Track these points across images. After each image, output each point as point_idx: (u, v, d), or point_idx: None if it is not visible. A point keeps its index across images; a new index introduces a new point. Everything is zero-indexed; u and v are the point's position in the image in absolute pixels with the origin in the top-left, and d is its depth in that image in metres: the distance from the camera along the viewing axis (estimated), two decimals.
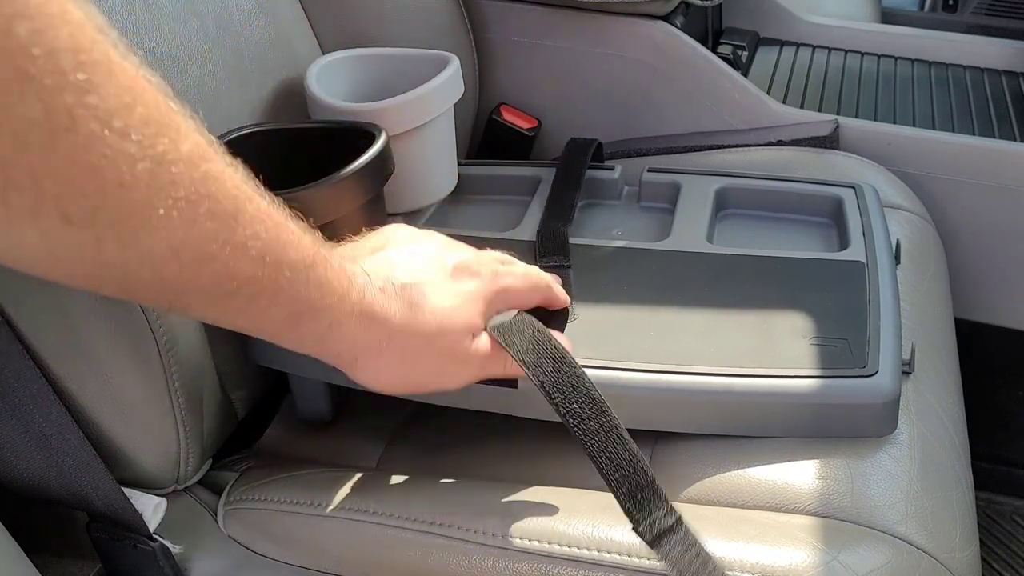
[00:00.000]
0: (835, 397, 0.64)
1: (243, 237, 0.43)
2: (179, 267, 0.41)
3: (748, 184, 0.86)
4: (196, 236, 0.41)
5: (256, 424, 0.81)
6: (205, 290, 0.43)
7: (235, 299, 0.45)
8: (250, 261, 0.44)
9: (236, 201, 0.42)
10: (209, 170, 0.41)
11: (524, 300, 0.63)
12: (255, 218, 0.44)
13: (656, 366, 0.66)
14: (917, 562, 0.60)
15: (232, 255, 0.43)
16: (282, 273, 0.46)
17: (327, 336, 0.51)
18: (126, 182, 0.37)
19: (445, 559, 0.62)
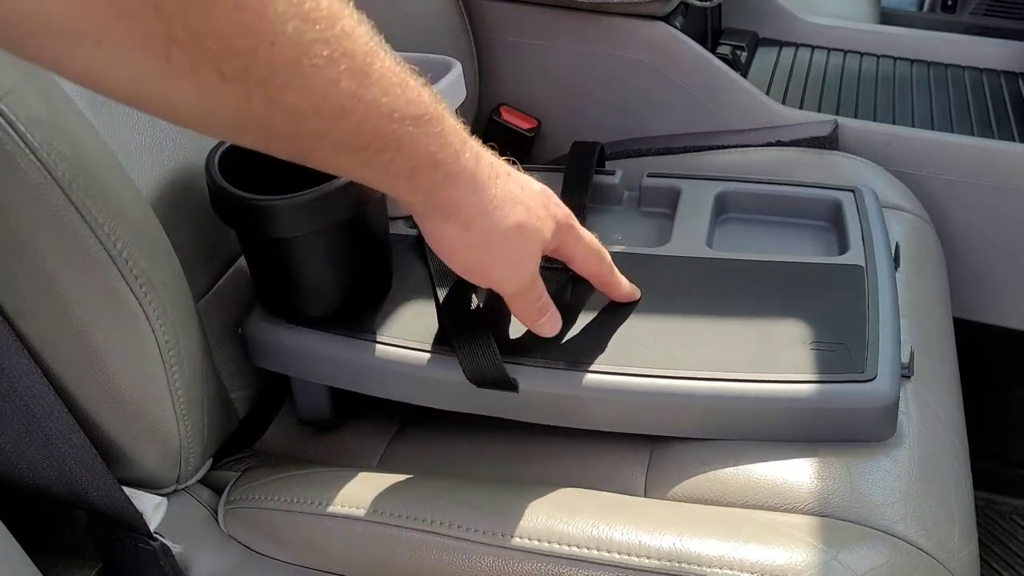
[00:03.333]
0: (834, 402, 0.64)
1: (375, 94, 0.46)
2: (318, 122, 0.44)
3: (747, 188, 0.86)
4: (335, 93, 0.44)
5: (256, 424, 0.81)
6: (338, 144, 0.47)
7: (364, 152, 0.48)
8: (380, 117, 0.47)
9: (367, 58, 0.45)
10: (345, 27, 0.43)
11: (586, 261, 0.66)
12: (383, 75, 0.46)
13: (656, 371, 0.66)
14: (916, 561, 0.60)
15: (365, 111, 0.46)
16: (406, 128, 0.49)
17: (440, 187, 0.54)
18: (277, 41, 0.40)
19: (445, 559, 0.62)
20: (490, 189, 0.57)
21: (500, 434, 0.74)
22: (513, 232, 0.58)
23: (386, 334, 0.71)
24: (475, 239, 0.58)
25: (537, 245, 0.60)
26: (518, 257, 0.60)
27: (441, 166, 0.53)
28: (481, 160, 0.56)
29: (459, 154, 0.54)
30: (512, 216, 0.58)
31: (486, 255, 0.59)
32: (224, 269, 0.77)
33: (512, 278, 0.61)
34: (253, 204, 0.65)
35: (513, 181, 0.59)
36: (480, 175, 0.56)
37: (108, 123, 0.66)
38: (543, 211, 0.60)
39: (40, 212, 0.56)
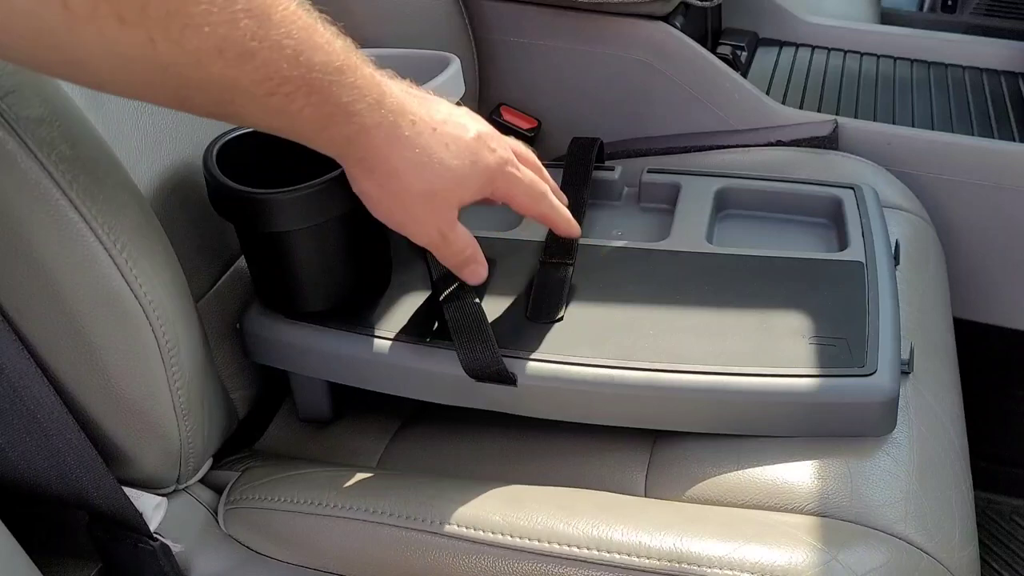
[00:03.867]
0: (834, 396, 0.64)
1: (277, 35, 0.47)
2: (224, 64, 0.46)
3: (748, 185, 0.86)
4: (236, 34, 0.45)
5: (256, 424, 0.81)
6: (248, 90, 0.48)
7: (274, 98, 0.49)
8: (285, 59, 0.48)
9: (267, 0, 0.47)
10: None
11: (523, 204, 0.66)
12: (286, 18, 0.48)
13: (656, 365, 0.66)
14: (916, 562, 0.60)
15: (269, 53, 0.47)
16: (315, 74, 0.50)
17: (355, 140, 0.55)
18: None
19: (445, 558, 0.63)
20: (409, 147, 0.57)
21: (500, 434, 0.74)
22: (423, 197, 0.59)
23: (385, 328, 0.71)
24: (387, 198, 0.59)
25: (449, 209, 0.61)
26: (428, 219, 0.61)
27: (355, 118, 0.53)
28: (402, 114, 0.56)
29: (375, 107, 0.54)
30: (423, 181, 0.58)
31: (396, 214, 0.61)
32: (224, 269, 0.77)
33: (422, 235, 0.62)
34: (251, 198, 0.65)
35: (439, 137, 0.58)
36: (399, 132, 0.56)
37: (108, 123, 0.66)
38: (468, 167, 0.60)
39: (40, 212, 0.56)
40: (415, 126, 0.57)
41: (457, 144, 0.60)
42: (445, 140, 0.59)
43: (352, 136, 0.55)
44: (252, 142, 0.72)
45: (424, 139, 0.58)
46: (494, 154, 0.62)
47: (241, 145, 0.71)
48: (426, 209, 0.60)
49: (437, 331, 0.70)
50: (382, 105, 0.55)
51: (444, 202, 0.61)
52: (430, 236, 0.63)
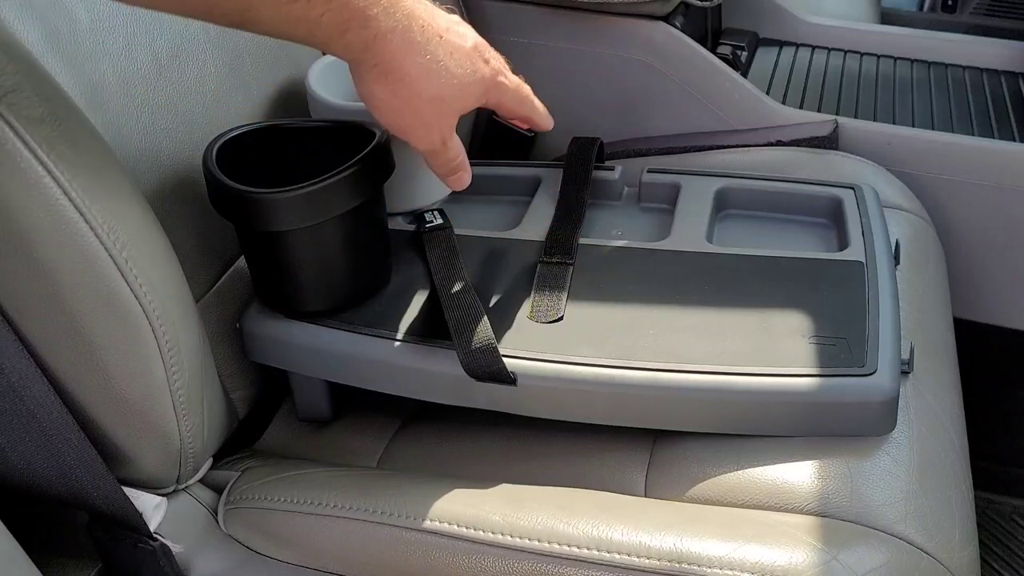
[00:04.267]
0: (834, 396, 0.64)
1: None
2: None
3: (748, 184, 0.86)
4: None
5: (256, 424, 0.81)
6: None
7: (295, 5, 0.52)
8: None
9: None
10: None
11: (511, 109, 0.69)
12: None
13: (656, 365, 0.66)
14: (916, 562, 0.60)
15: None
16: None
17: (371, 45, 0.57)
18: None
19: (445, 559, 0.63)
20: (420, 53, 0.59)
21: (500, 434, 0.74)
22: (432, 103, 0.62)
23: (385, 328, 0.71)
24: (398, 103, 0.61)
25: (453, 115, 0.64)
26: (434, 123, 0.63)
27: (371, 22, 0.55)
28: (414, 19, 0.58)
29: (389, 12, 0.56)
30: (433, 87, 0.61)
31: (406, 118, 0.63)
32: (224, 269, 0.77)
33: (426, 139, 0.65)
34: (251, 197, 0.65)
35: (444, 45, 0.61)
36: (412, 37, 0.58)
37: (108, 123, 0.66)
38: (469, 76, 0.63)
39: (40, 212, 0.56)
40: (424, 31, 0.59)
41: (460, 52, 0.62)
42: (450, 48, 0.61)
43: (369, 41, 0.56)
44: (252, 142, 0.72)
45: (433, 46, 0.60)
46: (488, 65, 0.65)
47: (241, 144, 0.71)
48: (434, 114, 0.62)
49: (437, 331, 0.70)
50: (396, 10, 0.57)
51: (449, 108, 0.63)
52: (432, 141, 0.65)
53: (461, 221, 0.83)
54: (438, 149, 0.65)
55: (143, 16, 0.71)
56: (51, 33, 0.64)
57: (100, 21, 0.68)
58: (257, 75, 0.81)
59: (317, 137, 0.74)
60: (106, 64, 0.67)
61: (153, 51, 0.71)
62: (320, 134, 0.74)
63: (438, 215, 0.83)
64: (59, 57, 0.64)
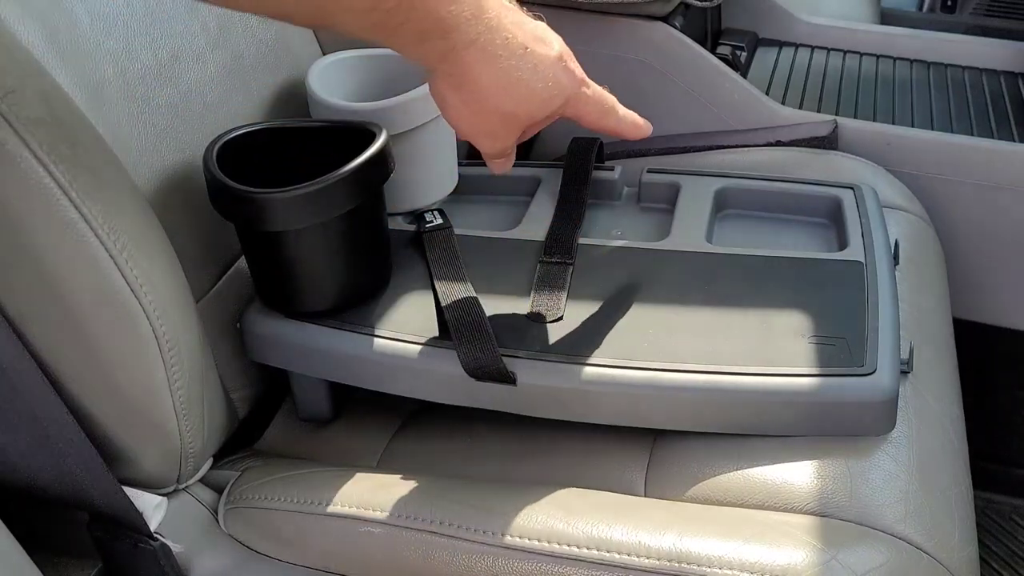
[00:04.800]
0: (833, 395, 0.64)
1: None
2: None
3: (747, 185, 0.86)
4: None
5: (256, 424, 0.81)
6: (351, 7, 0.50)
7: (375, 13, 0.51)
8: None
9: None
10: None
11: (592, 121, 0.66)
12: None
13: (655, 364, 0.66)
14: (916, 561, 0.60)
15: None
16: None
17: (448, 56, 0.55)
18: None
19: (445, 559, 0.63)
20: (500, 67, 0.57)
21: (500, 433, 0.74)
22: (504, 116, 0.60)
23: (385, 328, 0.71)
24: (468, 113, 0.59)
25: (522, 127, 0.62)
26: (501, 134, 0.62)
27: (452, 33, 0.54)
28: (498, 31, 0.56)
29: (472, 23, 0.54)
30: (509, 103, 0.59)
31: (474, 126, 0.61)
32: (224, 269, 0.77)
33: (489, 147, 0.63)
34: (251, 197, 0.65)
35: (528, 58, 0.58)
36: (491, 51, 0.56)
37: (108, 123, 0.66)
38: (550, 90, 0.60)
39: (40, 212, 0.56)
40: (508, 44, 0.57)
41: (544, 64, 0.59)
42: (535, 60, 0.59)
43: (447, 52, 0.55)
44: (252, 142, 0.72)
45: (516, 60, 0.57)
46: (572, 76, 0.62)
47: (241, 145, 0.71)
48: (503, 127, 0.61)
49: (437, 331, 0.70)
50: (479, 21, 0.55)
51: (520, 123, 0.61)
52: (495, 149, 0.63)
53: (461, 221, 0.83)
54: (496, 154, 0.64)
55: (143, 16, 0.71)
56: (51, 33, 0.64)
57: (100, 21, 0.68)
58: (257, 75, 0.81)
59: (317, 137, 0.74)
60: (106, 64, 0.67)
61: (153, 51, 0.71)
62: (320, 134, 0.74)
63: (438, 215, 0.83)
64: (59, 57, 0.64)
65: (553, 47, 0.60)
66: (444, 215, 0.83)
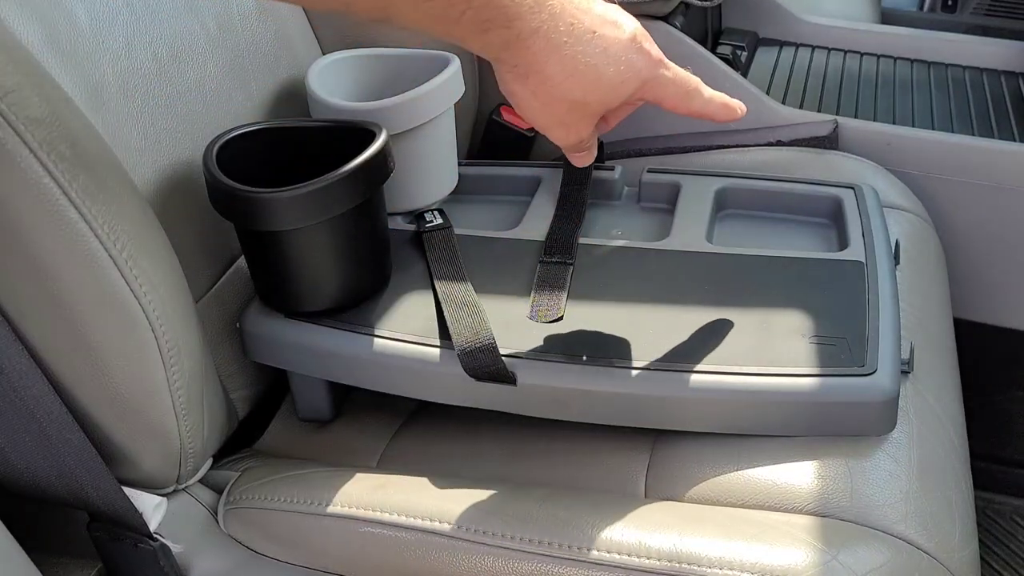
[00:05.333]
0: (834, 395, 0.64)
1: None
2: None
3: (748, 184, 0.86)
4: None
5: (256, 424, 0.81)
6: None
7: (435, 4, 0.50)
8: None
9: None
10: None
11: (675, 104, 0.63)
12: None
13: (656, 364, 0.66)
14: (916, 562, 0.60)
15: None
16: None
17: (512, 46, 0.54)
18: None
19: (445, 559, 0.62)
20: (566, 54, 0.55)
21: (500, 434, 0.74)
22: (575, 106, 0.58)
23: (385, 328, 0.71)
24: (538, 104, 0.58)
25: (595, 116, 0.60)
26: (574, 124, 0.60)
27: (515, 22, 0.53)
28: (562, 17, 0.55)
29: (535, 10, 0.53)
30: (578, 90, 0.57)
31: (545, 118, 0.59)
32: (224, 269, 0.77)
33: (564, 139, 0.61)
34: (251, 197, 0.65)
35: (597, 42, 0.56)
36: (555, 38, 0.54)
37: (108, 123, 0.66)
38: (623, 74, 0.58)
39: (40, 212, 0.56)
40: (574, 30, 0.55)
41: (615, 47, 0.57)
42: (604, 44, 0.56)
43: (510, 41, 0.54)
44: (252, 141, 0.72)
45: (583, 44, 0.55)
46: (648, 57, 0.59)
47: (241, 144, 0.71)
48: (575, 116, 0.59)
49: (437, 331, 0.70)
50: (543, 8, 0.53)
51: (593, 111, 0.59)
52: (569, 140, 0.61)
53: (461, 221, 0.83)
54: (572, 146, 0.63)
55: (143, 16, 0.71)
56: (51, 33, 0.64)
57: (100, 21, 0.68)
58: (257, 75, 0.81)
59: (317, 137, 0.74)
60: (106, 64, 0.67)
61: (153, 51, 0.71)
62: (320, 134, 0.74)
63: (438, 215, 0.83)
64: (59, 57, 0.64)
65: (624, 29, 0.58)
66: (444, 215, 0.83)
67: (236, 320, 0.76)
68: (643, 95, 0.61)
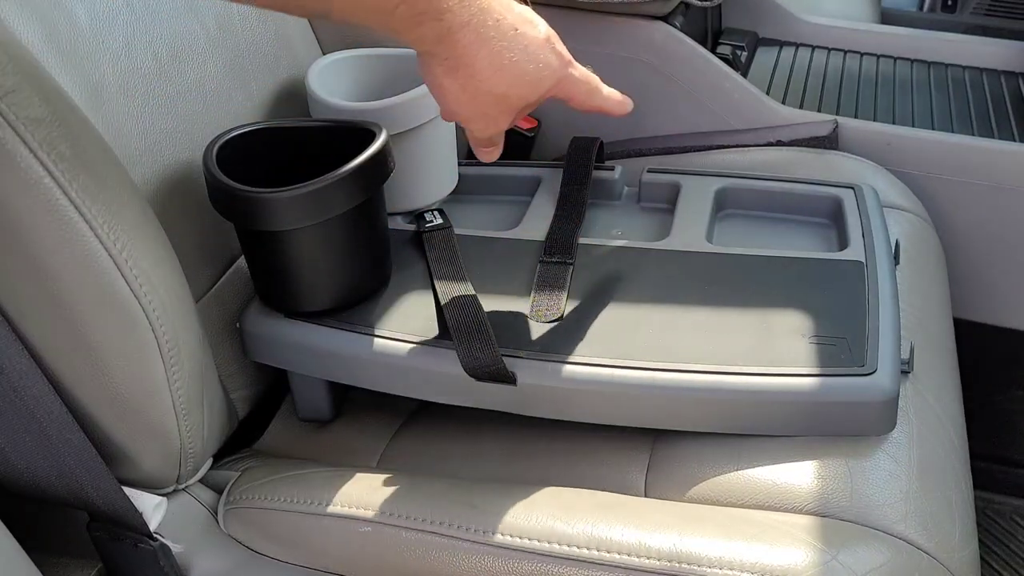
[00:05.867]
0: (834, 395, 0.64)
1: None
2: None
3: (748, 184, 0.86)
4: None
5: (256, 424, 0.81)
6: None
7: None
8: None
9: None
10: None
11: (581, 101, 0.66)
12: None
13: (656, 364, 0.66)
14: (916, 561, 0.60)
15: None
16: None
17: (444, 39, 0.56)
18: None
19: (445, 559, 0.62)
20: (493, 48, 0.58)
21: (500, 434, 0.74)
22: (499, 99, 0.60)
23: (384, 328, 0.71)
24: (465, 97, 0.60)
25: (516, 110, 0.62)
26: (496, 117, 0.62)
27: (446, 15, 0.55)
28: (489, 13, 0.57)
29: (464, 6, 0.55)
30: (503, 84, 0.59)
31: (469, 110, 0.61)
32: (224, 269, 0.77)
33: (484, 131, 0.64)
34: (251, 197, 0.65)
35: (519, 39, 0.59)
36: (483, 32, 0.57)
37: (108, 123, 0.66)
38: (541, 71, 0.61)
39: (40, 212, 0.56)
40: (499, 25, 0.58)
41: (534, 45, 0.60)
42: (525, 41, 0.59)
43: (442, 34, 0.56)
44: (252, 141, 0.72)
45: (508, 41, 0.58)
46: (560, 57, 0.63)
47: (241, 144, 0.71)
48: (498, 110, 0.61)
49: (437, 331, 0.70)
50: (471, 3, 0.56)
51: (514, 104, 0.61)
52: (487, 132, 0.64)
53: (461, 221, 0.83)
54: (489, 139, 0.65)
55: (143, 16, 0.71)
56: (51, 33, 0.64)
57: (100, 21, 0.68)
58: (257, 75, 0.81)
59: (317, 137, 0.74)
60: (106, 64, 0.67)
61: (153, 51, 0.71)
62: (320, 134, 0.74)
63: (438, 215, 0.83)
64: (59, 57, 0.64)
65: (540, 29, 0.61)
66: (444, 215, 0.83)
67: (236, 320, 0.76)
68: (555, 92, 0.64)
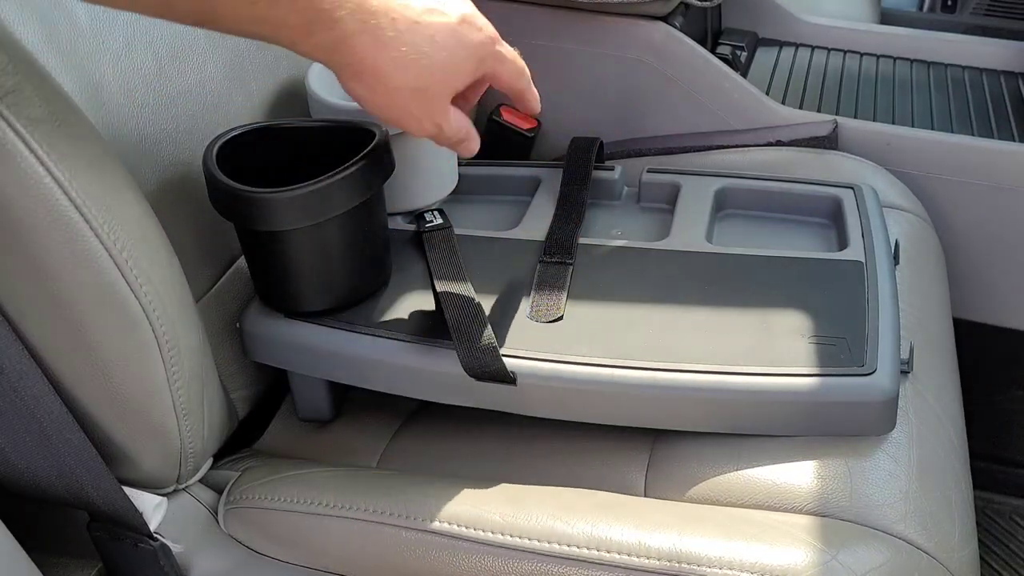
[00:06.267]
0: (833, 395, 0.64)
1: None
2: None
3: (747, 184, 0.86)
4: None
5: (256, 424, 0.81)
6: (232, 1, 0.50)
7: (257, 6, 0.51)
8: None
9: None
10: None
11: (508, 81, 0.65)
12: None
13: (656, 365, 0.66)
14: (916, 561, 0.60)
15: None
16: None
17: (339, 47, 0.55)
18: None
19: (445, 559, 0.63)
20: (394, 48, 0.56)
21: (500, 434, 0.74)
22: (415, 94, 0.59)
23: (384, 328, 0.71)
24: (380, 99, 0.58)
25: (441, 100, 0.60)
26: (422, 113, 0.60)
27: (337, 24, 0.53)
28: (381, 16, 0.55)
29: (356, 12, 0.54)
30: (412, 80, 0.58)
31: (392, 112, 0.60)
32: (224, 269, 0.77)
33: (419, 129, 0.62)
34: (251, 197, 0.65)
35: (423, 31, 0.57)
36: (379, 35, 0.55)
37: (108, 123, 0.66)
38: (457, 55, 0.59)
39: (40, 212, 0.56)
40: (396, 24, 0.56)
41: (443, 33, 0.58)
42: (430, 32, 0.58)
43: (337, 42, 0.54)
44: (252, 142, 0.72)
45: (408, 36, 0.57)
46: (481, 33, 0.61)
47: (241, 144, 0.71)
48: (419, 105, 0.60)
49: (437, 331, 0.70)
50: (362, 8, 0.54)
51: (436, 96, 0.60)
52: (426, 129, 0.62)
53: (461, 221, 0.83)
54: (435, 134, 0.63)
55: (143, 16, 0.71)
56: (51, 33, 0.64)
57: (100, 21, 0.68)
58: (257, 75, 0.81)
59: (317, 137, 0.74)
60: (106, 64, 0.67)
61: (153, 51, 0.71)
62: (320, 134, 0.74)
63: (438, 215, 0.83)
64: (59, 57, 0.64)
65: (450, 14, 0.59)
66: (444, 215, 0.83)
67: (236, 320, 0.76)
68: (485, 71, 0.62)
